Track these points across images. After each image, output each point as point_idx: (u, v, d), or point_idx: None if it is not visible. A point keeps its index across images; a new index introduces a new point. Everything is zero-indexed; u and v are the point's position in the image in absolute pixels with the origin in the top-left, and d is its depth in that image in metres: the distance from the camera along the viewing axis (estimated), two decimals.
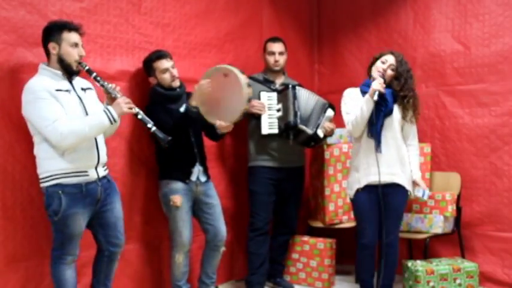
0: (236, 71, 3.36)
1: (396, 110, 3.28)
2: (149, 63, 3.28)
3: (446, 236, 3.87)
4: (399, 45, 4.28)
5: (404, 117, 3.28)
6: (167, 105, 3.24)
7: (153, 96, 3.30)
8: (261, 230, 3.75)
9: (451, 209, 3.76)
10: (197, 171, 3.35)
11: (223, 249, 3.48)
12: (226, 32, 3.99)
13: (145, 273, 3.48)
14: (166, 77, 3.25)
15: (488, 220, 3.88)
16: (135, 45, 3.39)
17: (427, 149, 3.98)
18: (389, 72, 3.27)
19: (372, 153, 3.25)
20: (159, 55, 3.26)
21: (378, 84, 3.14)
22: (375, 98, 3.12)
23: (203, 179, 3.39)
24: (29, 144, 2.84)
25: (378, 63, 3.30)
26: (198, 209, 3.41)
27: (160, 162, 3.37)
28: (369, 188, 3.28)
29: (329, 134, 3.76)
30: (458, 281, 3.57)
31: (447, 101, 4.05)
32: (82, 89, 2.80)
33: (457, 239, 3.90)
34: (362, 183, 3.29)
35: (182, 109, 3.27)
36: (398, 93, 3.27)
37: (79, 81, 2.81)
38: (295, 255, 4.11)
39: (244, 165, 3.91)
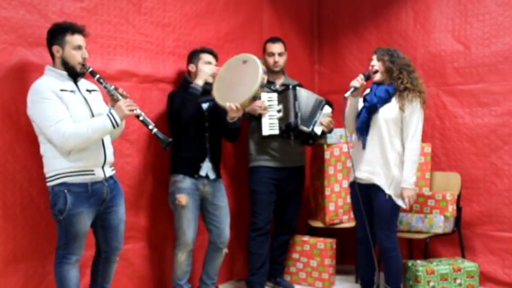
0: (255, 57, 3.35)
1: (388, 108, 3.22)
2: (197, 52, 3.46)
3: (446, 236, 3.87)
4: (399, 45, 4.27)
5: (401, 107, 3.20)
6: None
7: (183, 84, 3.45)
8: (262, 230, 3.75)
9: (451, 208, 3.76)
10: (206, 167, 3.38)
11: (225, 250, 3.49)
12: (226, 32, 3.99)
13: (146, 273, 3.48)
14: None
15: (488, 220, 3.88)
16: (135, 45, 3.40)
17: (427, 149, 3.98)
18: (377, 63, 3.29)
19: (359, 149, 3.32)
20: (209, 50, 3.47)
21: (354, 81, 3.24)
22: (347, 94, 3.21)
23: (212, 176, 3.41)
24: (29, 144, 2.85)
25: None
26: (204, 208, 3.45)
27: (172, 156, 3.42)
28: (359, 186, 3.32)
29: (328, 129, 3.76)
30: (458, 281, 3.57)
31: (447, 101, 4.05)
32: (87, 90, 2.81)
33: (457, 239, 3.90)
34: (351, 179, 3.40)
35: (204, 105, 3.42)
36: (395, 83, 3.24)
37: (84, 83, 2.83)
38: (295, 255, 4.11)
39: (244, 165, 3.91)
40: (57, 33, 2.67)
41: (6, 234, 2.77)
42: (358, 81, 3.22)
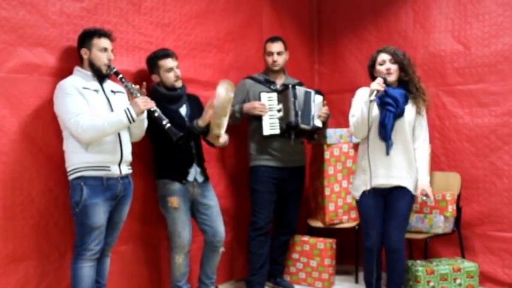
0: (222, 82, 3.22)
1: (408, 111, 3.20)
2: (154, 61, 3.28)
3: (446, 236, 3.87)
4: (399, 45, 4.25)
5: (419, 111, 3.20)
6: (166, 105, 3.23)
7: (153, 95, 3.26)
8: (262, 230, 3.75)
9: (451, 209, 3.76)
10: (194, 172, 3.35)
11: (222, 249, 3.47)
12: (227, 32, 3.99)
13: (143, 273, 3.48)
14: (171, 76, 3.27)
15: (488, 220, 3.88)
16: (135, 45, 3.39)
17: None
18: (393, 66, 3.20)
19: (380, 155, 3.20)
20: (165, 54, 3.27)
21: (376, 84, 3.09)
22: (372, 97, 3.06)
23: (200, 179, 3.39)
24: (29, 144, 2.85)
25: (378, 67, 3.24)
26: (195, 210, 3.41)
27: (158, 162, 3.38)
28: (376, 191, 3.22)
29: (326, 119, 3.77)
30: (458, 281, 3.57)
31: (447, 101, 4.05)
32: (112, 91, 2.93)
33: (457, 239, 3.90)
34: (369, 186, 3.20)
35: (182, 110, 3.32)
36: (410, 85, 3.21)
37: (110, 84, 2.96)
38: (295, 255, 4.11)
39: (244, 165, 3.91)
40: (85, 37, 2.85)
41: (6, 234, 2.77)
42: (380, 85, 3.10)
